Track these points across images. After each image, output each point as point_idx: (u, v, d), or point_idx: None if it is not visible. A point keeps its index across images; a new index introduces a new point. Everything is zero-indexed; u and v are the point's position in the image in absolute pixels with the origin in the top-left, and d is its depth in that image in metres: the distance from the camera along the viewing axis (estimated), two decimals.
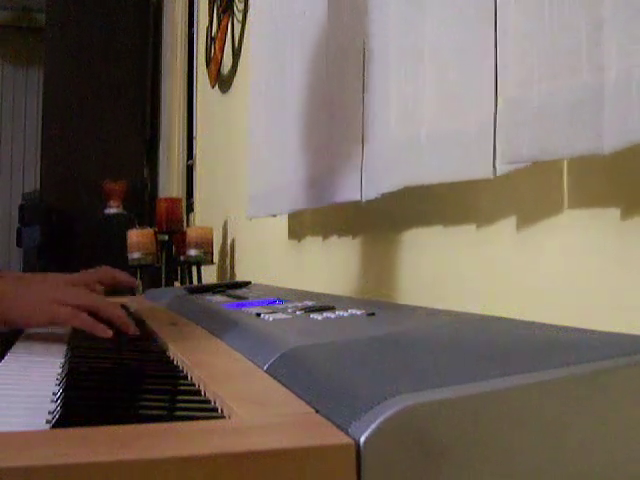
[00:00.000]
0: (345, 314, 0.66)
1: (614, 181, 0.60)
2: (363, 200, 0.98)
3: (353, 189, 1.02)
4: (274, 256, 1.67)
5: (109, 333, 0.75)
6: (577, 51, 0.57)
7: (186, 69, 3.19)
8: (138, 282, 2.51)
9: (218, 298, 0.97)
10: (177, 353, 0.60)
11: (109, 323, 0.76)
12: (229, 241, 2.26)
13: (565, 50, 0.58)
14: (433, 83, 0.79)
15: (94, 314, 0.76)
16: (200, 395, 0.47)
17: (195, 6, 2.94)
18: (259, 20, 1.58)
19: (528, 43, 0.61)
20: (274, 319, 0.67)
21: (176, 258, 2.33)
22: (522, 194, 0.73)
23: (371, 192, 0.96)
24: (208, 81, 2.45)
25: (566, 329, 0.51)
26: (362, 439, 0.31)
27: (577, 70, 0.57)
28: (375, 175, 0.95)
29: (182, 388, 0.51)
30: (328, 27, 1.13)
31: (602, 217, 0.61)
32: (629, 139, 0.51)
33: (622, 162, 0.59)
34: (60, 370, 0.58)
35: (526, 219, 0.72)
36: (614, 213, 0.60)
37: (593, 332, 0.48)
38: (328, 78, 1.13)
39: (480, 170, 0.71)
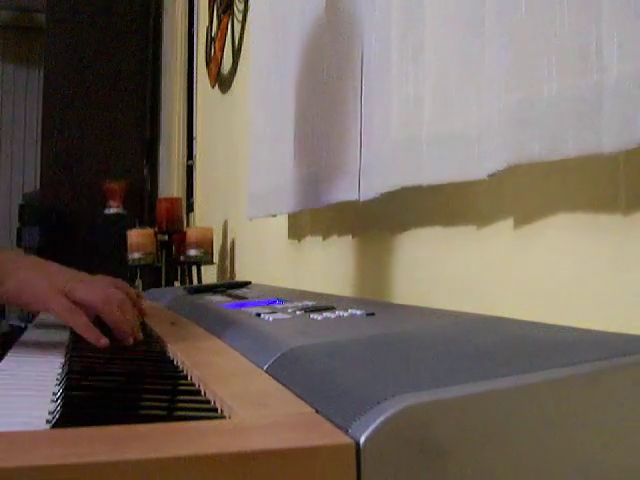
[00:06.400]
0: (345, 314, 0.66)
1: (614, 180, 0.60)
2: (361, 200, 0.98)
3: (352, 189, 1.02)
4: (274, 256, 1.67)
5: (101, 343, 0.69)
6: (582, 51, 0.57)
7: (186, 69, 3.19)
8: (138, 281, 2.51)
9: (218, 298, 0.97)
10: (177, 353, 0.60)
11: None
12: (229, 241, 2.26)
13: (571, 50, 0.58)
14: (432, 84, 0.79)
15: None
16: (200, 395, 0.47)
17: (195, 6, 2.94)
18: (259, 20, 1.58)
19: (536, 43, 0.61)
20: (274, 319, 0.67)
21: (176, 258, 2.33)
22: (522, 194, 0.73)
23: (369, 192, 0.96)
24: (208, 81, 2.45)
25: (566, 329, 0.51)
26: (362, 439, 0.31)
27: (582, 70, 0.57)
28: (373, 175, 0.95)
29: (182, 388, 0.51)
30: (327, 27, 1.13)
31: (602, 217, 0.61)
32: (630, 140, 0.51)
33: (622, 162, 0.59)
34: (60, 370, 0.58)
35: (526, 219, 0.72)
36: (614, 213, 0.60)
37: (593, 332, 0.48)
38: (327, 78, 1.13)
39: (478, 171, 0.71)
